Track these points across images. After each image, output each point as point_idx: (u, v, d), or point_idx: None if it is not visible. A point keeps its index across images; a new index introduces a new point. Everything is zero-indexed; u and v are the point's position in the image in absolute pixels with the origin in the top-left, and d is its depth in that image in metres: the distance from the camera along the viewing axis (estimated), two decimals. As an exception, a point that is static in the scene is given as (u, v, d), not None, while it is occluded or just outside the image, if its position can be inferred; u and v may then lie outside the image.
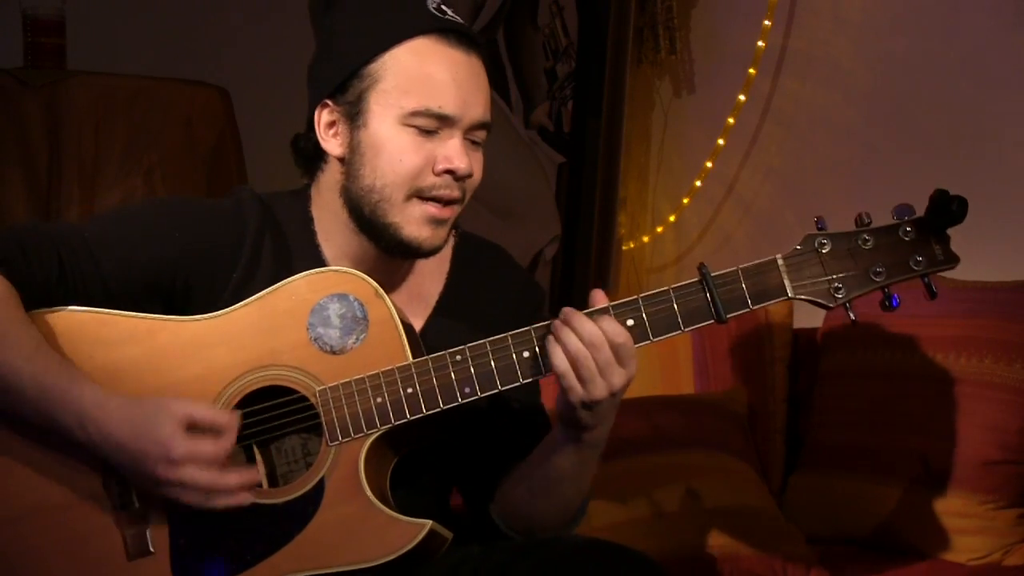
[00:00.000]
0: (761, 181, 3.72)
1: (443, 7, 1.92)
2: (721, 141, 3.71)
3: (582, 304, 1.83)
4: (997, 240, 3.08)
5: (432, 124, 1.88)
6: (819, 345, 2.92)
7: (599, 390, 1.77)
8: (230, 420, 1.79)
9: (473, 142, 1.92)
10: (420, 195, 1.89)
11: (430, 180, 1.88)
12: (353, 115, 1.90)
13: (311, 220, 1.99)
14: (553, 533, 1.96)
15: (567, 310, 1.79)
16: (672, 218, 3.92)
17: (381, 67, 1.88)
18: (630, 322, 1.82)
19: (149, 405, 1.79)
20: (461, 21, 1.93)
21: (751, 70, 3.60)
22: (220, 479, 1.77)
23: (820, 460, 2.82)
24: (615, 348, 1.77)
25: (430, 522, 1.80)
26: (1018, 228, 3.06)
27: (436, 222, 1.90)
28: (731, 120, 3.67)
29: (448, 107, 1.87)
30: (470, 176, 1.90)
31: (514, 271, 2.14)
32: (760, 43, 3.58)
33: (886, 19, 3.39)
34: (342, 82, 1.91)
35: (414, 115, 1.87)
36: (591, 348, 1.76)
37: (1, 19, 4.11)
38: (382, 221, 1.90)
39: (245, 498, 1.79)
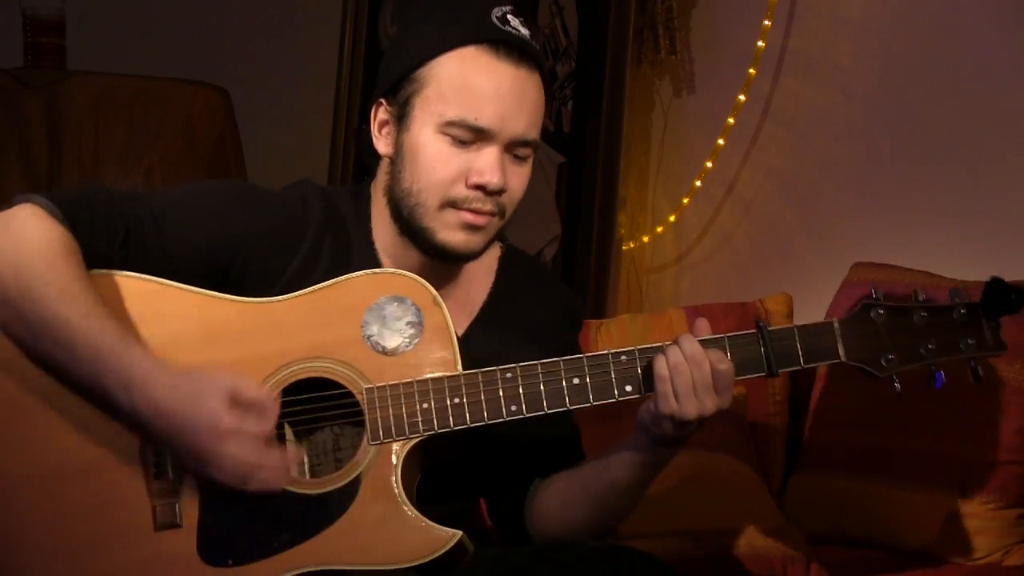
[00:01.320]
0: (761, 181, 3.72)
1: (509, 16, 1.90)
2: (721, 141, 3.71)
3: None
4: (997, 240, 3.09)
5: (468, 135, 1.87)
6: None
7: (691, 408, 1.80)
8: (273, 402, 1.79)
9: (516, 156, 1.91)
10: (454, 205, 1.89)
11: (463, 192, 1.88)
12: (401, 117, 1.91)
13: (369, 219, 2.00)
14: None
15: (683, 334, 1.83)
16: (672, 218, 3.92)
17: (428, 73, 1.88)
18: None
19: (196, 376, 1.78)
20: (524, 34, 1.90)
21: (751, 70, 3.60)
22: (263, 456, 1.77)
23: (820, 460, 2.82)
24: (715, 372, 1.80)
25: (461, 532, 1.81)
26: (1018, 228, 3.06)
27: (469, 228, 1.90)
28: (731, 120, 3.67)
29: (484, 120, 1.86)
30: (503, 192, 1.90)
31: (557, 286, 2.16)
32: (760, 43, 3.58)
33: (886, 19, 3.39)
34: (395, 83, 1.92)
35: (451, 124, 1.87)
36: (692, 363, 1.80)
37: (1, 19, 4.11)
38: (418, 224, 1.91)
39: (279, 483, 1.79)
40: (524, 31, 1.90)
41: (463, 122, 1.86)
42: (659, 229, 3.97)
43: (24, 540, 1.83)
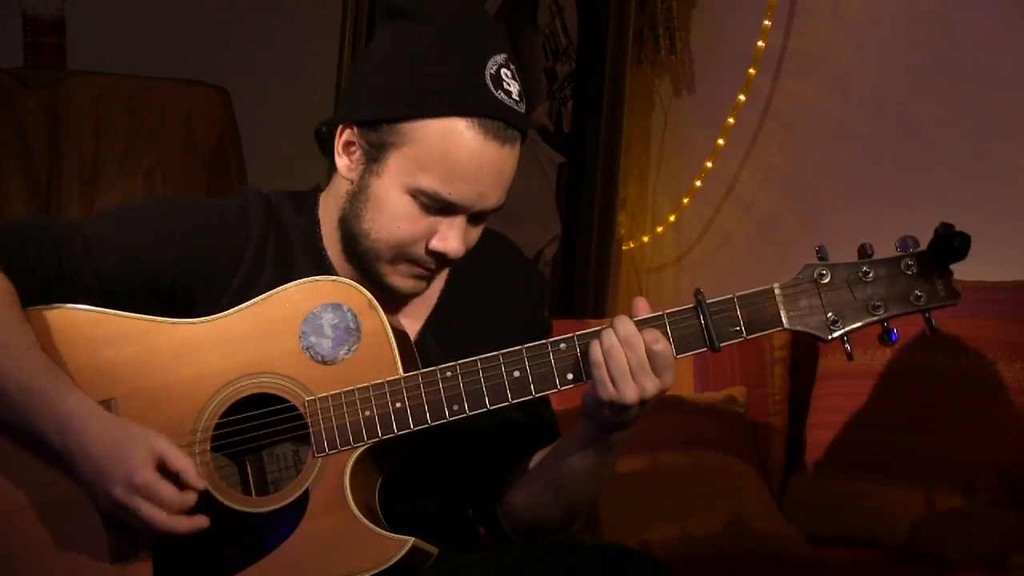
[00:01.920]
0: (761, 181, 3.72)
1: (503, 73, 1.83)
2: (721, 141, 3.71)
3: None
4: (997, 240, 3.08)
5: (438, 205, 1.84)
6: (819, 345, 2.92)
7: (630, 393, 1.75)
8: (197, 480, 1.77)
9: (479, 218, 1.88)
10: (408, 260, 1.87)
11: (420, 253, 1.86)
12: (373, 158, 1.86)
13: (317, 223, 1.97)
14: (557, 533, 1.95)
15: (619, 316, 1.78)
16: (672, 218, 3.92)
17: (412, 131, 1.82)
18: None
19: (130, 430, 1.78)
20: (514, 97, 1.83)
21: (751, 70, 3.60)
22: (168, 521, 1.76)
23: (820, 460, 2.82)
24: (651, 354, 1.75)
25: (412, 539, 1.79)
26: (1018, 228, 3.06)
27: (420, 278, 1.89)
28: (731, 120, 3.67)
29: (457, 196, 1.82)
30: (459, 256, 1.88)
31: (518, 264, 2.10)
32: (760, 43, 3.58)
33: (886, 19, 3.38)
34: (372, 121, 1.86)
35: (422, 193, 1.83)
36: (626, 346, 1.74)
37: (1, 19, 4.11)
38: (368, 266, 1.89)
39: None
40: (515, 88, 1.83)
41: (436, 195, 1.82)
42: (659, 229, 3.96)
43: None
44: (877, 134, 3.42)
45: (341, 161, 1.91)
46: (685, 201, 3.86)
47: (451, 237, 1.84)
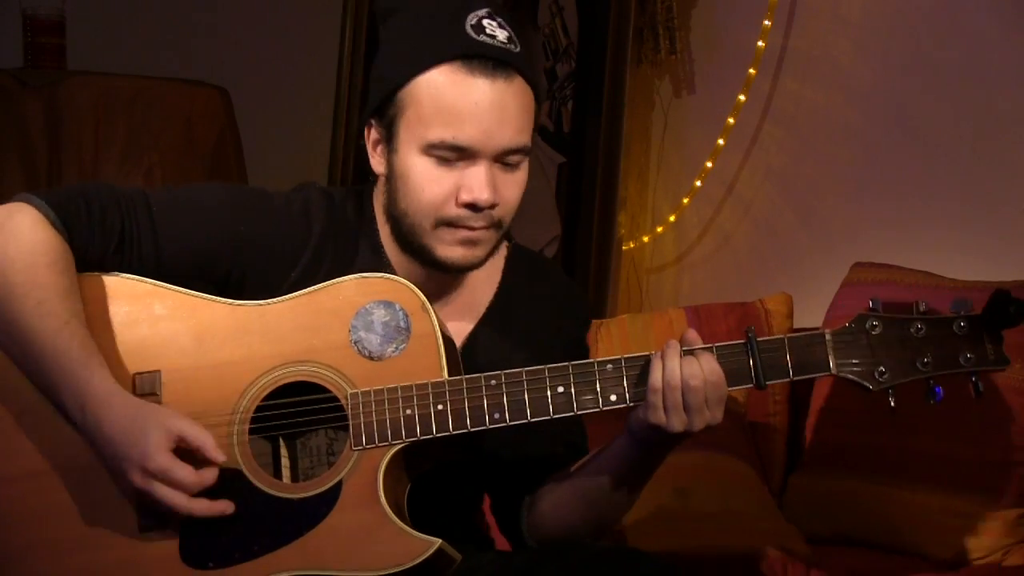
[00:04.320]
0: (761, 181, 3.72)
1: (485, 22, 1.87)
2: (721, 141, 3.71)
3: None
4: (997, 240, 3.09)
5: (452, 155, 1.85)
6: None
7: (678, 424, 1.78)
8: (217, 454, 1.78)
9: (507, 164, 1.89)
10: (448, 224, 1.87)
11: (454, 211, 1.86)
12: (388, 139, 1.90)
13: (374, 219, 1.98)
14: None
15: (680, 349, 1.80)
16: (672, 218, 3.92)
17: (407, 95, 1.86)
18: None
19: (147, 411, 1.78)
20: (500, 40, 1.86)
21: (751, 70, 3.61)
22: (188, 504, 1.77)
23: (820, 460, 2.82)
24: (711, 387, 1.78)
25: (439, 541, 1.79)
26: (1018, 228, 3.06)
27: (468, 243, 1.89)
28: (731, 120, 3.68)
29: (465, 138, 1.84)
30: (495, 206, 1.87)
31: (564, 285, 2.13)
32: (760, 43, 3.58)
33: (886, 19, 3.39)
34: (380, 105, 1.90)
35: (433, 146, 1.85)
36: (685, 385, 1.77)
37: (1, 19, 4.11)
38: (417, 243, 1.90)
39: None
40: (501, 34, 1.86)
41: (444, 143, 1.84)
42: (659, 229, 3.97)
43: (9, 536, 1.83)
44: (877, 134, 3.42)
45: (374, 161, 1.94)
46: (685, 201, 3.86)
47: (475, 185, 1.85)
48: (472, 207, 1.86)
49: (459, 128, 1.84)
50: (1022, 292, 2.65)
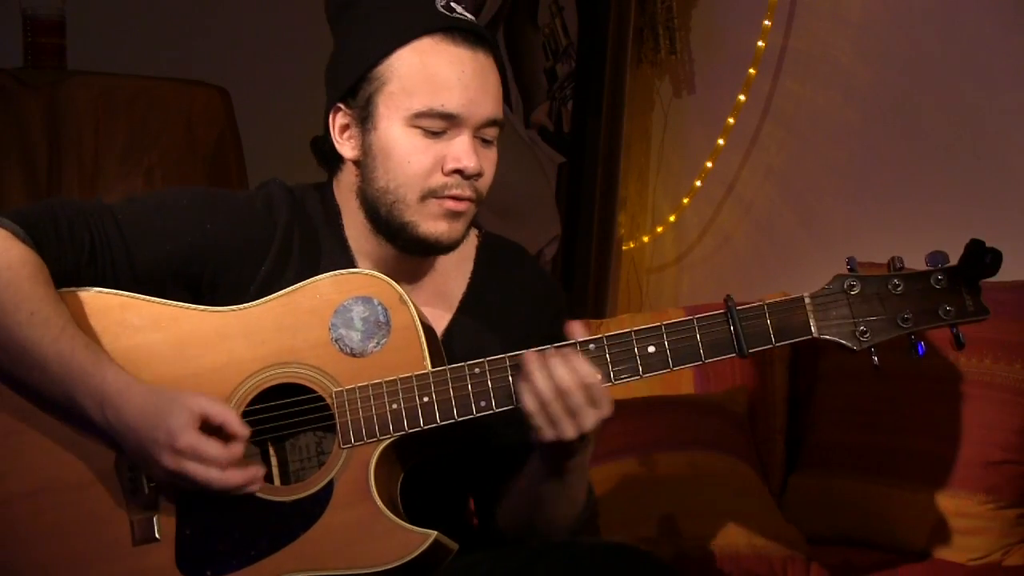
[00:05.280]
0: (761, 181, 3.72)
1: (452, 4, 1.92)
2: (721, 141, 3.71)
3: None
4: (997, 240, 3.07)
5: (439, 124, 1.87)
6: (819, 345, 2.92)
7: (569, 431, 1.78)
8: (242, 429, 1.79)
9: (484, 140, 1.92)
10: (434, 195, 1.89)
11: (441, 180, 1.88)
12: (364, 118, 1.91)
13: (339, 214, 1.99)
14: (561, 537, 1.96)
15: (533, 353, 1.79)
16: (672, 218, 3.92)
17: (387, 69, 1.89)
18: (651, 349, 1.82)
19: (168, 395, 1.79)
20: (470, 18, 1.92)
21: (751, 70, 3.61)
22: (222, 477, 1.77)
23: (820, 460, 2.81)
24: (587, 389, 1.77)
25: (435, 533, 1.80)
26: (1018, 228, 3.06)
27: (452, 215, 1.90)
28: (731, 120, 3.68)
29: (452, 106, 1.87)
30: (480, 175, 1.90)
31: (536, 273, 2.14)
32: (760, 43, 3.58)
33: (886, 19, 3.39)
34: (352, 86, 1.92)
35: (420, 116, 1.87)
36: (562, 394, 1.76)
37: (1, 19, 4.11)
38: (399, 221, 1.90)
39: (247, 489, 1.79)
40: (468, 15, 1.92)
41: (431, 111, 1.86)
42: (659, 229, 3.97)
43: (6, 559, 1.84)
44: (877, 134, 3.42)
45: (343, 147, 1.95)
46: (685, 201, 3.86)
47: (462, 153, 1.87)
48: (459, 173, 1.88)
49: (446, 97, 1.86)
50: (1021, 292, 2.68)
